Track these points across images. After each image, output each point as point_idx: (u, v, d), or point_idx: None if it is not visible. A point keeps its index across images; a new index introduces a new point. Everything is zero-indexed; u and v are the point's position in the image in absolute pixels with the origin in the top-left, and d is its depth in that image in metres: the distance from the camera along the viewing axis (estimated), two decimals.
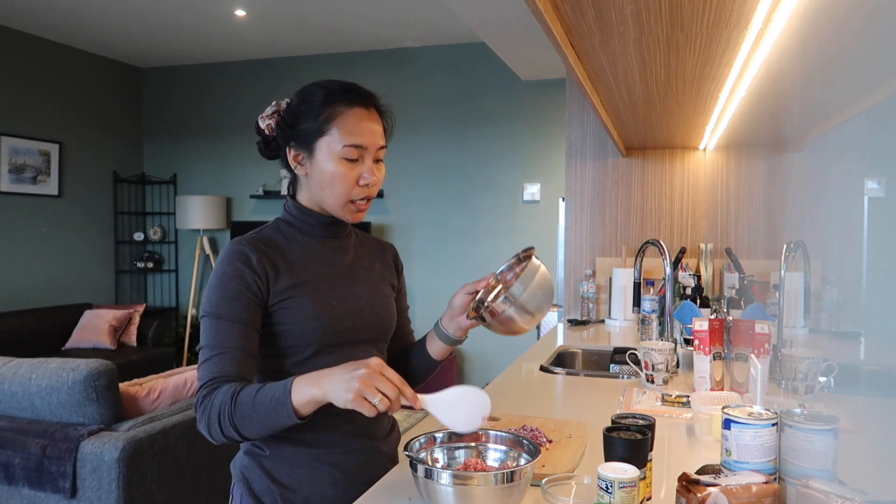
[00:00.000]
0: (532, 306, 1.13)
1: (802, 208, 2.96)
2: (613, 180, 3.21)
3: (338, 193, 1.15)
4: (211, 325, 1.09)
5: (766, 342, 1.64)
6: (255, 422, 1.02)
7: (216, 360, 1.07)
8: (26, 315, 4.95)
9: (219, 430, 1.04)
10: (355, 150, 1.14)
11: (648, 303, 2.41)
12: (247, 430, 1.03)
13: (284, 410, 0.99)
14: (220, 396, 1.03)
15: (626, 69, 1.66)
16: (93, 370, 2.17)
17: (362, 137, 1.14)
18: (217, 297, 1.10)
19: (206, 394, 1.05)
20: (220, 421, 1.03)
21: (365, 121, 1.15)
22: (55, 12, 4.82)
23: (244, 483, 1.18)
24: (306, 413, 1.00)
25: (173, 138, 6.29)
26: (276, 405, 1.00)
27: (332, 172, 1.14)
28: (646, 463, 0.98)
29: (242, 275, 1.11)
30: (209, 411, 1.04)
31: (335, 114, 1.14)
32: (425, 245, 5.45)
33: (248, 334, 1.10)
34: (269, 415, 1.00)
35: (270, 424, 1.02)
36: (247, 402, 1.02)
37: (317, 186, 1.17)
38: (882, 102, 2.03)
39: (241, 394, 1.02)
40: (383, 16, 4.78)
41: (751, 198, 3.04)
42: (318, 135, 1.14)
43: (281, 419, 1.00)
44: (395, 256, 1.38)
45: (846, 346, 2.46)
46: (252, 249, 1.13)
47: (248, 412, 1.01)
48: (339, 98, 1.15)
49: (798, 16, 1.19)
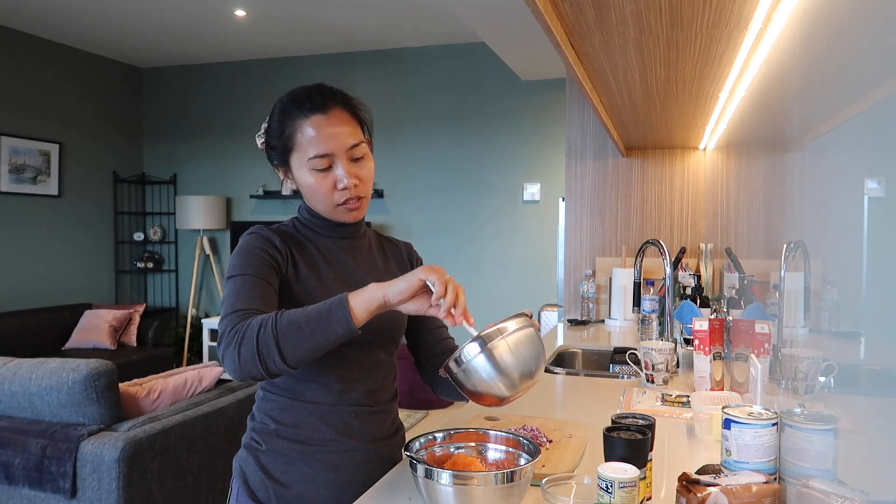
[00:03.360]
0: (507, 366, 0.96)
1: (802, 208, 2.96)
2: (613, 180, 3.21)
3: (321, 202, 1.18)
4: (235, 282, 1.08)
5: (766, 342, 1.64)
6: (301, 330, 0.97)
7: (242, 299, 1.04)
8: (26, 315, 4.95)
9: (253, 345, 0.96)
10: (321, 160, 1.14)
11: (648, 303, 2.41)
12: (290, 341, 0.96)
13: (340, 312, 0.96)
14: (259, 317, 0.99)
15: (626, 69, 1.67)
16: (93, 370, 2.17)
17: (325, 145, 1.13)
18: (242, 262, 1.10)
19: (237, 321, 1.00)
20: (259, 333, 0.97)
21: (324, 127, 1.13)
22: (55, 12, 4.82)
23: (241, 476, 1.19)
24: (363, 318, 0.98)
25: (173, 138, 6.30)
26: (330, 306, 0.98)
27: (309, 185, 1.16)
28: (646, 463, 0.98)
29: (267, 248, 1.13)
30: (243, 331, 0.98)
31: (294, 128, 1.15)
32: (425, 245, 5.44)
33: (269, 290, 1.09)
34: (322, 320, 0.97)
35: (320, 333, 0.97)
36: (295, 313, 0.99)
37: (305, 197, 1.21)
38: (882, 102, 2.03)
39: (286, 311, 1.00)
40: (383, 16, 4.78)
41: (751, 198, 3.04)
42: (287, 152, 1.17)
43: (334, 324, 0.97)
44: (411, 254, 1.38)
45: (846, 346, 2.46)
46: (274, 233, 1.17)
47: (297, 319, 0.97)
48: (292, 111, 1.15)
49: (798, 16, 1.19)
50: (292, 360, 0.98)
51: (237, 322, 1.00)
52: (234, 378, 1.01)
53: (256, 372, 0.98)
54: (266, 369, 0.98)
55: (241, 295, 1.06)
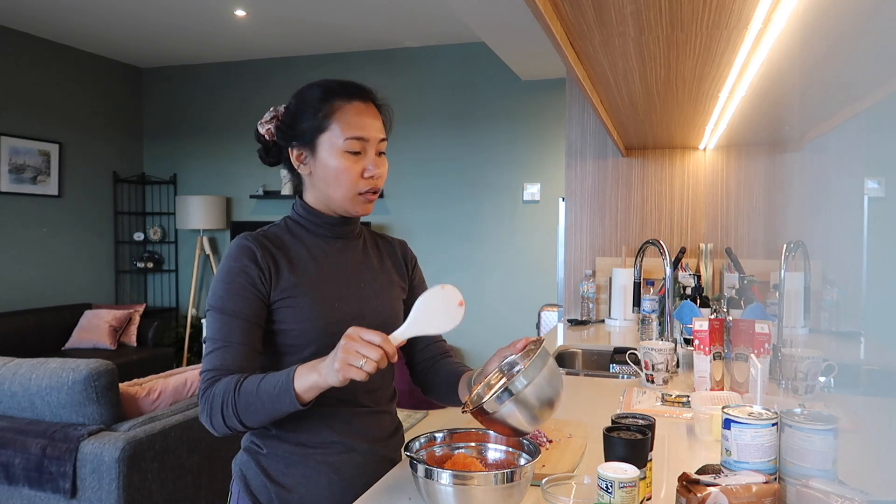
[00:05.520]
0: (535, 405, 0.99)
1: (802, 208, 2.96)
2: (613, 180, 3.21)
3: (345, 188, 1.15)
4: (216, 320, 1.11)
5: (766, 342, 1.64)
6: (258, 409, 1.04)
7: (219, 353, 1.10)
8: (26, 315, 4.95)
9: (221, 420, 1.05)
10: (357, 143, 1.14)
11: (648, 303, 2.41)
12: (249, 418, 1.05)
13: (287, 397, 1.01)
14: (222, 386, 1.06)
15: (626, 69, 1.66)
16: (93, 370, 2.17)
17: (363, 130, 1.15)
18: (222, 292, 1.12)
19: (208, 385, 1.08)
20: (224, 409, 1.05)
21: (364, 114, 1.16)
22: (55, 12, 4.82)
23: (242, 480, 1.18)
24: (308, 399, 1.03)
25: (173, 138, 6.29)
26: (279, 392, 1.02)
27: (337, 167, 1.14)
28: (646, 463, 0.98)
29: (247, 270, 1.12)
30: (211, 401, 1.06)
31: (334, 108, 1.15)
32: (425, 245, 5.44)
33: (251, 330, 1.11)
34: (273, 402, 1.03)
35: (273, 412, 1.04)
36: (250, 390, 1.04)
37: (322, 183, 1.17)
38: (882, 102, 2.03)
39: (244, 383, 1.05)
40: (383, 16, 4.78)
41: (751, 198, 3.04)
42: (318, 131, 1.15)
43: (284, 406, 1.02)
44: (405, 251, 1.37)
45: (846, 346, 2.46)
46: (257, 245, 1.14)
47: (252, 400, 1.04)
48: (336, 93, 1.16)
49: (798, 16, 1.19)
50: (257, 427, 1.09)
51: (207, 387, 1.08)
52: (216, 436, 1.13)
53: (230, 434, 1.10)
54: (237, 432, 1.10)
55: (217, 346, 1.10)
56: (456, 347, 5.36)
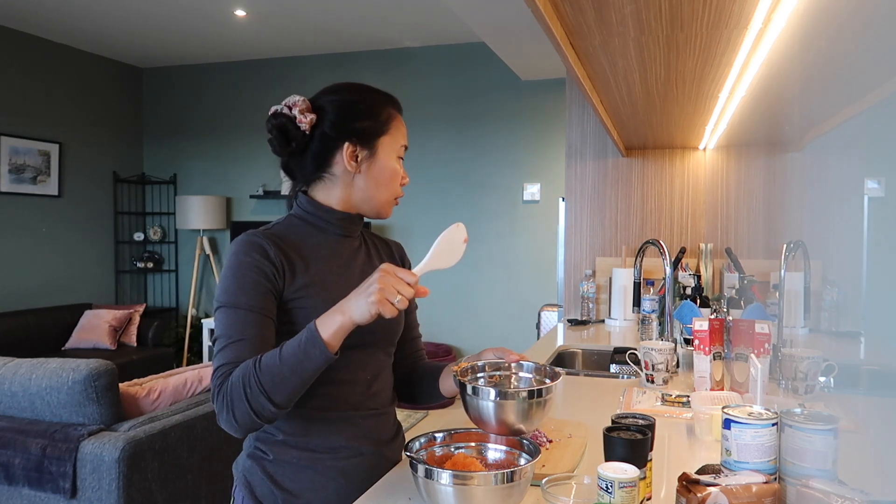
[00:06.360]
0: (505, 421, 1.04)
1: (802, 208, 2.96)
2: (613, 180, 3.21)
3: (391, 190, 1.23)
4: (227, 315, 1.06)
5: (766, 342, 1.64)
6: (286, 378, 0.99)
7: (232, 347, 1.04)
8: (26, 315, 4.95)
9: (245, 406, 0.99)
10: (404, 151, 1.25)
11: (648, 303, 2.41)
12: (278, 390, 0.99)
13: (316, 349, 0.98)
14: (238, 372, 1.01)
15: (626, 69, 1.66)
16: (93, 370, 2.17)
17: (406, 140, 1.25)
18: (233, 287, 1.07)
19: (222, 380, 1.02)
20: (247, 393, 0.99)
21: (403, 125, 1.25)
22: (55, 12, 4.82)
23: (246, 486, 1.16)
24: (337, 345, 1.00)
25: (173, 138, 6.30)
26: (306, 348, 0.99)
27: (393, 170, 1.21)
28: (646, 463, 0.98)
29: (260, 266, 1.08)
30: (230, 392, 1.00)
31: (390, 115, 1.22)
32: (425, 245, 5.42)
33: (265, 323, 1.07)
34: (301, 361, 0.99)
35: (303, 373, 0.99)
36: (272, 362, 0.99)
37: (372, 182, 1.20)
38: (882, 102, 2.03)
39: (262, 359, 1.00)
40: (383, 16, 4.78)
41: (751, 198, 3.04)
42: (380, 133, 1.20)
43: (315, 360, 0.99)
44: (402, 255, 1.38)
45: (846, 346, 2.46)
46: (268, 242, 1.11)
47: (277, 369, 0.99)
48: (390, 101, 1.24)
49: (798, 16, 1.19)
50: (287, 404, 1.02)
51: (222, 382, 1.02)
52: (238, 436, 1.06)
53: (255, 426, 1.04)
54: (264, 420, 1.02)
55: (231, 340, 1.05)
56: (455, 347, 5.36)
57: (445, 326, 5.37)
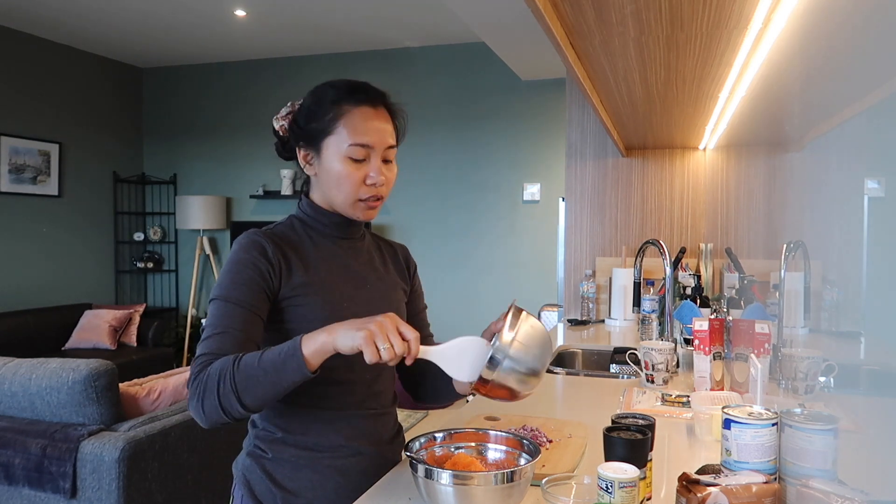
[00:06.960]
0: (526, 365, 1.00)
1: (802, 208, 2.96)
2: (613, 180, 3.21)
3: (345, 193, 1.15)
4: (217, 308, 1.07)
5: (766, 342, 1.64)
6: (259, 382, 0.98)
7: (216, 338, 1.05)
8: (26, 315, 4.95)
9: (215, 400, 0.98)
10: (361, 150, 1.14)
11: (648, 303, 2.41)
12: (250, 392, 0.98)
13: (294, 362, 0.97)
14: (218, 365, 1.00)
15: (626, 69, 1.67)
16: (93, 370, 2.17)
17: (368, 136, 1.14)
18: (228, 282, 1.08)
19: (201, 368, 1.02)
20: (220, 387, 0.98)
21: (371, 120, 1.15)
22: (55, 12, 4.82)
23: (245, 485, 1.17)
24: (316, 364, 0.98)
25: (173, 138, 6.29)
26: (285, 358, 0.97)
27: (339, 172, 1.14)
28: (646, 463, 0.98)
29: (257, 263, 1.10)
30: (205, 382, 1.00)
31: (341, 112, 1.14)
32: (425, 245, 5.44)
33: (252, 320, 1.08)
34: (278, 370, 0.97)
35: (278, 381, 0.98)
36: (251, 363, 0.98)
37: (325, 186, 1.18)
38: (882, 102, 2.03)
39: (243, 358, 1.00)
40: (383, 16, 4.78)
41: (751, 198, 3.04)
42: (325, 134, 1.15)
43: (289, 373, 0.97)
44: (407, 257, 1.37)
45: (846, 346, 2.46)
46: (268, 241, 1.13)
47: (253, 372, 0.98)
48: (346, 97, 1.15)
49: (798, 16, 1.19)
50: (254, 408, 1.01)
51: (200, 370, 1.02)
52: (203, 426, 1.04)
53: (221, 421, 1.02)
54: (230, 417, 1.01)
55: (216, 331, 1.05)
56: None
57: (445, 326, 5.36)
